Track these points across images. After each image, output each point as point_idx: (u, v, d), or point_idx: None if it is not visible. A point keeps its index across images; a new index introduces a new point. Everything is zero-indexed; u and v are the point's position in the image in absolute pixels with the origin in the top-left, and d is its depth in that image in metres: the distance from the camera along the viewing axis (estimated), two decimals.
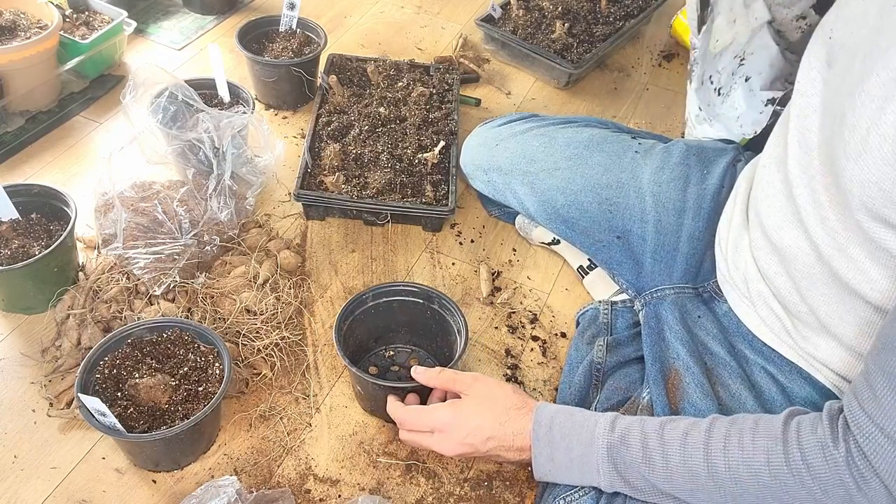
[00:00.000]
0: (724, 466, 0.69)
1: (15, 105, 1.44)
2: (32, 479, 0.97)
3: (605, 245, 1.13)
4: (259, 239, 1.25)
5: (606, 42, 1.70)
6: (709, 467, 0.70)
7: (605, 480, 0.77)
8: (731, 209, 1.00)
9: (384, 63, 1.58)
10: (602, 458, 0.76)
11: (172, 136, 1.25)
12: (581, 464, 0.78)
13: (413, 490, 1.00)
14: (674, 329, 0.98)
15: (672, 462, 0.72)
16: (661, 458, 0.73)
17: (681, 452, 0.72)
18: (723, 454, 0.70)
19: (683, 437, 0.72)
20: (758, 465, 0.67)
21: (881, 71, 0.63)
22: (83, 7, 1.59)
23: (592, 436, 0.78)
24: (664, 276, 1.06)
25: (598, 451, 0.77)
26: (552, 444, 0.80)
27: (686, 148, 1.15)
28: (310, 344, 1.16)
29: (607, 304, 1.15)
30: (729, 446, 0.70)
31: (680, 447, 0.72)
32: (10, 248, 1.10)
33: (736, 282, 0.94)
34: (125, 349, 1.00)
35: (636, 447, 0.74)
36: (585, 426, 0.79)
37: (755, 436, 0.69)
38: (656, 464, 0.73)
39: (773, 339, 0.90)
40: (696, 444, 0.71)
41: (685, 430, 0.73)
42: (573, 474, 0.80)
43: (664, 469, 0.73)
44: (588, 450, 0.78)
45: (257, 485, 0.99)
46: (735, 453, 0.69)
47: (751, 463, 0.68)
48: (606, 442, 0.76)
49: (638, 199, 1.11)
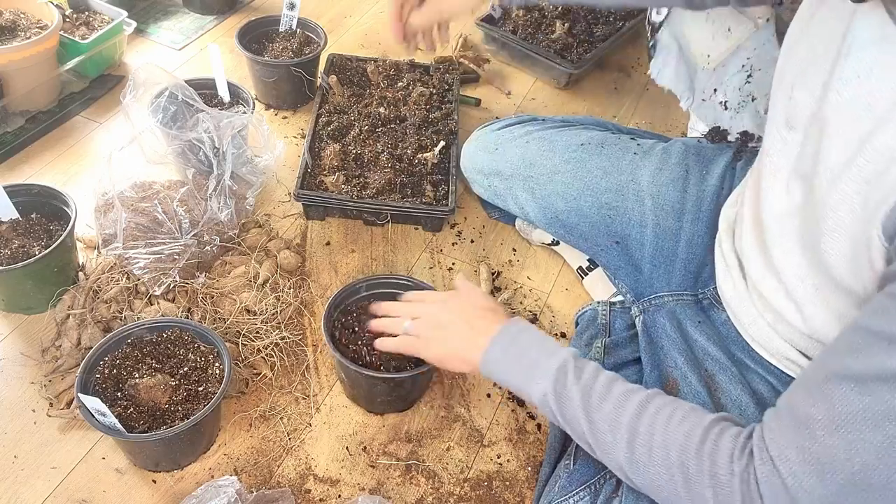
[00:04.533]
0: (645, 431, 0.71)
1: (15, 105, 1.44)
2: (32, 479, 0.97)
3: (605, 250, 1.13)
4: (259, 239, 1.25)
5: (606, 42, 1.70)
6: (630, 426, 0.71)
7: (540, 389, 0.78)
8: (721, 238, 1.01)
9: (384, 63, 1.58)
10: (551, 370, 0.78)
11: (172, 136, 1.25)
12: (529, 366, 0.80)
13: (413, 490, 1.00)
14: (671, 338, 0.97)
15: (605, 406, 0.74)
16: (598, 398, 0.74)
17: (617, 401, 0.74)
18: (649, 420, 0.71)
19: (627, 392, 0.74)
20: (672, 443, 0.69)
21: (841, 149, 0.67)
22: (83, 7, 1.59)
23: (555, 352, 0.80)
24: (663, 281, 1.06)
25: (552, 363, 0.78)
26: (514, 342, 0.83)
27: (685, 148, 1.15)
28: (310, 344, 1.16)
29: (606, 304, 1.15)
30: (658, 416, 0.71)
31: (619, 397, 0.74)
32: (10, 248, 1.10)
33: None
34: (125, 349, 1.00)
35: (585, 377, 0.76)
36: (553, 344, 0.82)
37: (684, 418, 0.70)
38: (591, 399, 0.75)
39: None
40: (633, 401, 0.73)
41: (630, 389, 0.75)
42: (515, 371, 0.82)
43: (596, 407, 0.74)
44: (544, 359, 0.79)
45: (257, 485, 0.99)
46: (660, 424, 0.70)
47: (667, 438, 0.69)
48: (563, 360, 0.78)
49: (637, 202, 1.10)
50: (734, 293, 0.93)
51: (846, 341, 0.62)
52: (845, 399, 0.58)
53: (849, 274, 0.70)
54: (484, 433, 1.07)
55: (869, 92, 0.64)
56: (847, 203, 0.66)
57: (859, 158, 0.64)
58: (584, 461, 0.91)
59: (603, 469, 0.89)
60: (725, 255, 0.96)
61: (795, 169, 0.76)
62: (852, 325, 0.62)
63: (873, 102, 0.63)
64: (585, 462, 0.91)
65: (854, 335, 0.61)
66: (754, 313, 0.90)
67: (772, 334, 0.87)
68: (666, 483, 0.69)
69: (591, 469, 0.90)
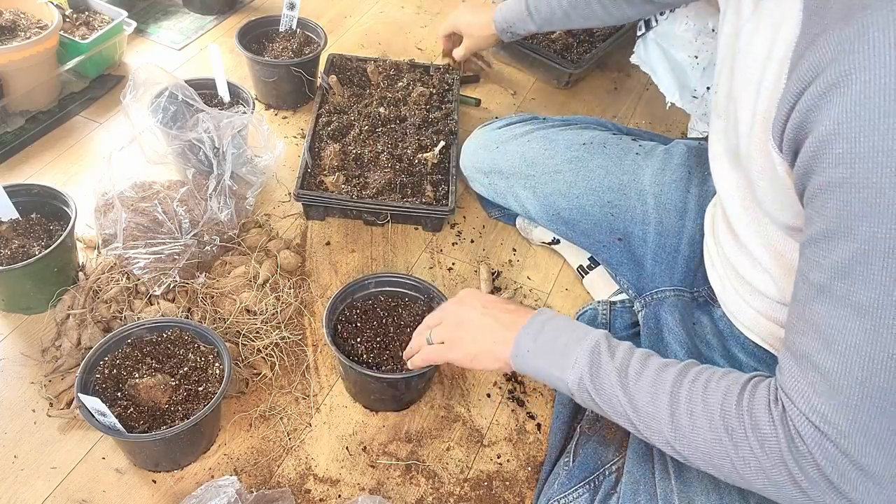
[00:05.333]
0: (685, 399, 0.71)
1: (15, 105, 1.44)
2: (32, 479, 0.97)
3: (607, 246, 1.13)
4: (259, 239, 1.25)
5: (606, 42, 1.70)
6: (671, 397, 0.72)
7: (575, 374, 0.78)
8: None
9: (384, 63, 1.58)
10: (584, 353, 0.77)
11: (172, 136, 1.25)
12: (561, 352, 0.79)
13: (413, 490, 1.00)
14: (673, 331, 0.98)
15: (643, 381, 0.74)
16: (635, 374, 0.74)
17: (654, 375, 0.74)
18: (688, 389, 0.71)
19: (663, 365, 0.74)
20: (713, 406, 0.69)
21: None
22: (83, 7, 1.59)
23: (586, 335, 0.79)
24: (665, 277, 1.06)
25: (584, 346, 0.78)
26: (544, 329, 0.81)
27: (687, 149, 1.15)
28: (310, 344, 1.16)
29: (606, 304, 1.15)
30: (696, 384, 0.71)
31: (655, 371, 0.74)
32: (10, 248, 1.10)
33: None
34: (125, 349, 1.00)
35: (619, 357, 0.76)
36: (583, 328, 0.81)
37: (721, 380, 0.70)
38: (629, 376, 0.75)
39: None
40: (669, 373, 0.73)
41: (665, 362, 0.75)
42: (548, 360, 0.80)
43: (634, 383, 0.74)
44: (576, 344, 0.79)
45: (257, 485, 0.99)
46: (698, 390, 0.71)
47: (707, 402, 0.69)
48: (596, 342, 0.78)
49: (639, 201, 1.11)
50: (720, 284, 0.95)
51: (801, 262, 0.64)
52: (819, 315, 0.61)
53: (781, 209, 0.72)
54: (484, 433, 1.07)
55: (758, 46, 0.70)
56: (757, 144, 0.71)
57: (757, 102, 0.69)
58: (583, 459, 0.91)
59: (602, 466, 0.89)
60: (709, 249, 0.97)
61: (727, 149, 0.82)
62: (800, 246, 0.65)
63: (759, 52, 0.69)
64: (585, 459, 0.91)
65: (804, 250, 0.63)
66: (738, 300, 0.91)
67: (757, 317, 0.88)
68: (714, 447, 0.69)
69: (590, 466, 0.90)
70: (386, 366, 1.03)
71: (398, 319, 1.09)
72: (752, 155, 0.73)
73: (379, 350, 1.04)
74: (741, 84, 0.74)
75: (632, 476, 0.84)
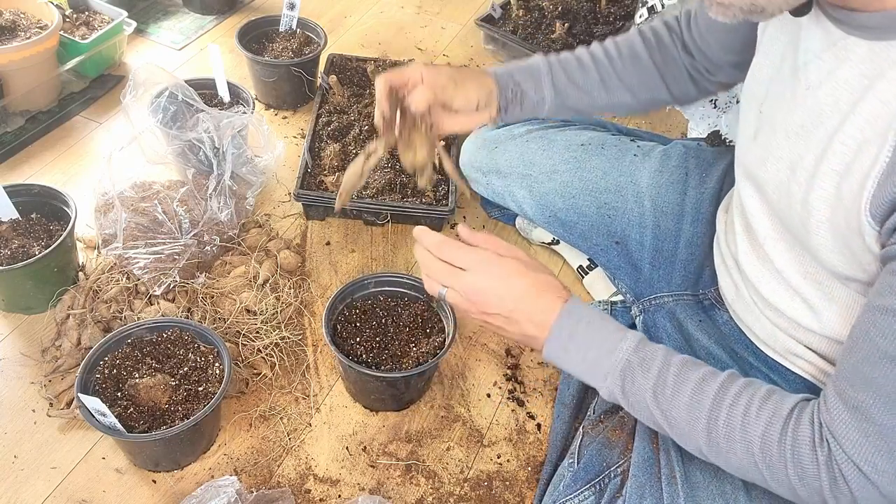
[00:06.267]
0: (724, 422, 0.70)
1: (15, 105, 1.44)
2: (32, 479, 0.97)
3: (604, 249, 1.13)
4: (259, 239, 1.25)
5: None
6: (710, 417, 0.71)
7: (607, 389, 0.76)
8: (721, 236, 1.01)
9: (384, 63, 1.58)
10: (614, 371, 0.76)
11: (172, 136, 1.25)
12: (592, 365, 0.77)
13: (413, 490, 1.00)
14: (672, 338, 0.97)
15: (679, 399, 0.72)
16: (672, 392, 0.73)
17: (691, 394, 0.72)
18: (727, 410, 0.70)
19: (699, 381, 0.73)
20: (753, 434, 0.69)
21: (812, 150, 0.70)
22: (83, 7, 1.59)
23: (615, 348, 0.76)
24: (663, 282, 1.06)
25: (613, 364, 0.76)
26: (572, 338, 0.77)
27: (685, 151, 1.14)
28: (310, 344, 1.16)
29: (607, 304, 1.15)
30: (735, 405, 0.70)
31: (692, 390, 0.72)
32: (10, 248, 1.10)
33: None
34: (125, 349, 1.00)
35: (652, 374, 0.74)
36: (612, 336, 0.77)
37: (762, 406, 0.69)
38: (664, 395, 0.73)
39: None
40: (707, 391, 0.72)
41: (702, 377, 0.73)
42: (579, 368, 0.79)
43: (669, 402, 0.73)
44: (604, 358, 0.76)
45: (257, 485, 0.99)
46: (738, 414, 0.70)
47: (748, 429, 0.69)
48: (626, 359, 0.75)
49: (637, 203, 1.10)
50: (736, 295, 0.93)
51: (868, 323, 0.63)
52: (887, 379, 0.61)
53: (844, 263, 0.71)
54: (484, 433, 1.07)
55: (833, 92, 0.68)
56: (826, 199, 0.69)
57: (829, 153, 0.67)
58: (589, 460, 0.91)
59: (607, 468, 0.89)
60: (724, 256, 0.96)
61: (767, 176, 0.80)
62: (868, 307, 0.64)
63: (839, 99, 0.67)
64: (590, 461, 0.91)
65: (874, 316, 0.63)
66: (756, 312, 0.90)
67: (776, 331, 0.87)
68: (748, 467, 0.70)
69: (596, 468, 0.90)
70: (385, 365, 1.03)
71: (398, 319, 1.09)
72: (813, 203, 0.70)
73: (379, 350, 1.04)
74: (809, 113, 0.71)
75: (637, 480, 0.83)
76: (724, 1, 0.62)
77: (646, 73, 1.00)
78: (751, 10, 0.62)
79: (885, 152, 0.62)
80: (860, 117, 0.64)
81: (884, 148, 0.62)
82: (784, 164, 0.75)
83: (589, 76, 0.99)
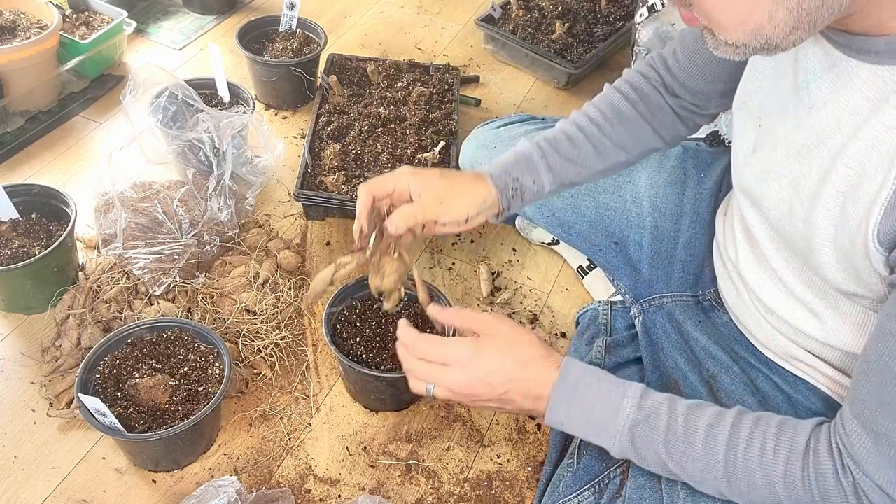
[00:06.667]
0: (743, 467, 0.70)
1: (15, 105, 1.44)
2: (32, 479, 0.97)
3: (603, 250, 1.13)
4: (259, 239, 1.25)
5: (606, 42, 1.70)
6: (727, 464, 0.70)
7: (617, 449, 0.76)
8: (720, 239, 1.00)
9: (384, 63, 1.58)
10: (623, 431, 0.75)
11: (172, 136, 1.25)
12: (599, 427, 0.77)
13: (413, 490, 1.00)
14: (672, 339, 0.97)
15: (693, 451, 0.72)
16: (683, 445, 0.72)
17: (703, 443, 0.72)
18: (743, 454, 0.70)
19: (708, 428, 0.72)
20: (774, 475, 0.68)
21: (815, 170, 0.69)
22: (83, 7, 1.59)
23: (618, 407, 0.76)
24: (662, 283, 1.06)
25: (620, 424, 0.75)
26: (572, 403, 0.77)
27: (683, 151, 1.14)
28: (310, 344, 1.16)
29: (607, 304, 1.15)
30: (750, 448, 0.70)
31: (704, 438, 0.72)
32: (10, 248, 1.10)
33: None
34: (125, 349, 1.00)
35: (661, 429, 0.73)
36: (612, 395, 0.76)
37: (778, 444, 0.69)
38: (676, 448, 0.73)
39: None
40: (718, 439, 0.71)
41: (710, 422, 0.73)
42: (585, 431, 0.78)
43: (682, 454, 0.73)
44: (610, 419, 0.76)
45: (257, 485, 0.99)
46: (755, 456, 0.69)
47: (768, 470, 0.69)
48: (632, 419, 0.75)
49: (635, 203, 1.10)
50: (737, 298, 0.93)
51: (882, 348, 0.63)
52: None
53: (848, 280, 0.71)
54: (484, 433, 1.07)
55: (835, 113, 0.67)
56: (830, 218, 0.68)
57: (833, 174, 0.67)
58: (588, 460, 0.91)
59: (607, 469, 0.89)
60: (724, 261, 0.96)
61: (768, 192, 0.79)
62: (880, 331, 0.63)
63: (841, 121, 0.66)
64: (589, 461, 0.91)
65: (887, 340, 0.62)
66: (757, 316, 0.90)
67: (777, 336, 0.87)
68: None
69: (595, 469, 0.90)
70: (386, 366, 1.03)
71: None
72: (816, 222, 0.70)
73: (379, 350, 1.04)
74: (812, 132, 0.70)
75: (637, 480, 0.83)
76: (734, 42, 0.60)
77: (635, 128, 0.98)
78: (764, 48, 0.60)
79: (891, 179, 0.61)
80: (863, 141, 0.64)
81: (890, 174, 0.61)
82: (786, 181, 0.74)
83: (582, 149, 0.97)
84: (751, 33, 0.58)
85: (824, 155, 0.68)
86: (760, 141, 0.80)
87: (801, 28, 0.57)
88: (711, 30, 0.61)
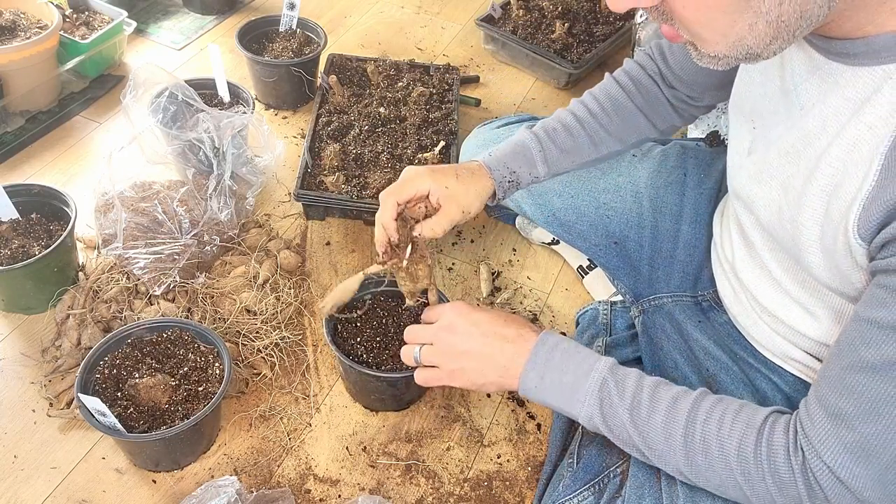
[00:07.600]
0: (700, 438, 0.72)
1: (15, 105, 1.44)
2: (32, 479, 0.97)
3: (603, 249, 1.13)
4: (259, 239, 1.25)
5: (606, 42, 1.70)
6: (685, 434, 0.72)
7: (585, 412, 0.78)
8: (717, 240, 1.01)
9: (384, 63, 1.58)
10: (592, 391, 0.77)
11: (172, 136, 1.25)
12: (570, 390, 0.79)
13: (413, 490, 1.00)
14: (671, 339, 0.97)
15: (655, 419, 0.74)
16: (647, 412, 0.75)
17: (666, 413, 0.74)
18: (702, 427, 0.72)
19: (673, 400, 0.75)
20: (729, 448, 0.70)
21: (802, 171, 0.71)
22: (83, 7, 1.59)
23: (591, 369, 0.78)
24: (662, 283, 1.06)
25: (590, 384, 0.77)
26: (548, 365, 0.80)
27: (683, 151, 1.14)
28: (310, 344, 1.16)
29: (607, 304, 1.15)
30: (709, 421, 0.72)
31: (667, 408, 0.74)
32: (10, 248, 1.10)
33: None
34: (125, 349, 1.00)
35: (628, 393, 0.76)
36: (587, 360, 0.79)
37: (735, 419, 0.71)
38: (640, 415, 0.75)
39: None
40: (681, 409, 0.74)
41: (675, 396, 0.75)
42: (556, 397, 0.80)
43: (645, 422, 0.75)
44: (581, 380, 0.78)
45: (257, 485, 0.99)
46: (712, 430, 0.71)
47: (723, 442, 0.71)
48: (602, 377, 0.77)
49: (635, 203, 1.11)
50: (734, 299, 0.94)
51: (854, 333, 0.64)
52: (868, 389, 0.62)
53: (834, 280, 0.72)
54: (484, 433, 1.07)
55: (821, 115, 0.68)
56: (815, 218, 0.70)
57: (817, 173, 0.68)
58: (588, 461, 0.91)
59: (606, 469, 0.89)
60: (721, 261, 0.96)
61: (760, 193, 0.80)
62: (855, 318, 0.65)
63: (827, 122, 0.67)
64: (589, 461, 0.91)
65: (860, 326, 0.64)
66: (754, 317, 0.90)
67: (774, 336, 0.88)
68: (728, 483, 0.71)
69: (595, 468, 0.90)
70: (386, 366, 1.03)
71: (398, 319, 1.09)
72: (803, 222, 0.71)
73: (379, 350, 1.04)
74: (800, 134, 0.71)
75: (637, 480, 0.84)
76: (716, 54, 0.61)
77: (632, 118, 1.00)
78: (746, 58, 0.61)
79: (871, 175, 0.62)
80: (846, 141, 0.65)
81: (870, 171, 0.62)
82: (776, 183, 0.76)
83: (578, 140, 0.99)
84: (732, 45, 0.59)
85: (810, 155, 0.69)
86: (755, 143, 0.81)
87: (780, 38, 0.58)
88: (694, 44, 0.62)
